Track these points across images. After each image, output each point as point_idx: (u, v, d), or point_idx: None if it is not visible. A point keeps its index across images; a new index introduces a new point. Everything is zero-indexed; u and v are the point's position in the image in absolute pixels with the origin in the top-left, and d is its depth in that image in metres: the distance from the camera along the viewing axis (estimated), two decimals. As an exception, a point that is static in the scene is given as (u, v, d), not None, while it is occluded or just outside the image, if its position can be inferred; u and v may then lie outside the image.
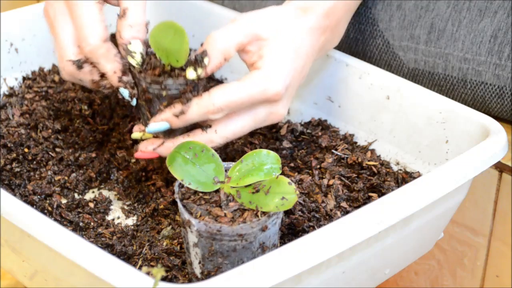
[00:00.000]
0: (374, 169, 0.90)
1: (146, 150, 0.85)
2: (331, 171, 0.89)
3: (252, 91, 0.82)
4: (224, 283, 0.66)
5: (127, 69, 0.83)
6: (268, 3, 1.09)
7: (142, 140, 0.86)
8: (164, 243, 0.83)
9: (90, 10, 0.83)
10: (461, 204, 0.88)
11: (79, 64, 0.84)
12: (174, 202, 0.88)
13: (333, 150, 0.92)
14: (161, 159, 0.92)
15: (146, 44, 0.84)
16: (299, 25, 0.86)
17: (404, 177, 0.90)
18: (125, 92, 0.83)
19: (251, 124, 0.84)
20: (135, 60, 0.83)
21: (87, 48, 0.83)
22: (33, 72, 1.05)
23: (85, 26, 0.83)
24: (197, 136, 0.83)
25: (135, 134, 0.86)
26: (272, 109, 0.84)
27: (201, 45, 0.84)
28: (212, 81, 1.09)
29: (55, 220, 0.86)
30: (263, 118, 0.85)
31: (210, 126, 0.83)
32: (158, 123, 0.82)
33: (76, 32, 0.84)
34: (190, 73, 0.82)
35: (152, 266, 0.81)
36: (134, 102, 0.84)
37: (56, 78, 1.04)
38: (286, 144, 0.95)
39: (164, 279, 0.79)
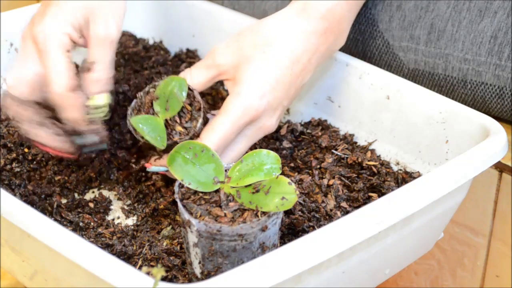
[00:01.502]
0: (374, 169, 0.90)
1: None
2: (331, 171, 0.89)
3: (235, 119, 0.84)
4: (224, 283, 0.66)
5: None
6: (268, 3, 1.09)
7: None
8: (164, 243, 0.83)
9: (59, 61, 0.84)
10: (461, 204, 0.88)
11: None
12: (174, 202, 0.88)
13: (333, 150, 0.92)
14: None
15: (113, 94, 0.87)
16: (293, 31, 0.87)
17: (404, 177, 0.90)
18: (93, 138, 0.86)
19: (246, 145, 0.87)
20: (100, 114, 0.85)
21: (54, 95, 0.84)
22: (33, 72, 1.05)
23: (52, 75, 0.84)
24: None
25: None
26: (258, 124, 0.86)
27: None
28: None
29: (55, 220, 0.87)
30: (254, 135, 0.87)
31: None
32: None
33: (45, 77, 0.85)
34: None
35: (152, 266, 0.81)
36: (104, 146, 0.86)
37: (56, 78, 1.04)
38: (286, 144, 0.95)
39: (164, 279, 0.79)
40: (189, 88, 0.85)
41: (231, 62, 0.87)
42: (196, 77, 0.87)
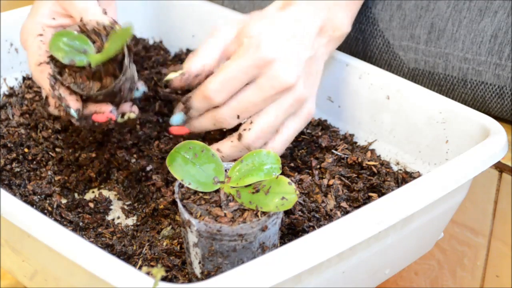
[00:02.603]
0: (374, 169, 0.90)
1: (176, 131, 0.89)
2: (331, 171, 0.89)
3: (242, 61, 0.84)
4: (224, 283, 0.66)
5: (56, 84, 0.84)
6: (268, 3, 1.08)
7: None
8: (164, 243, 0.83)
9: (30, 44, 0.88)
10: (461, 204, 0.88)
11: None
12: (174, 202, 0.88)
13: (333, 150, 0.92)
14: (162, 161, 0.92)
15: None
16: (281, 16, 0.88)
17: (404, 177, 0.90)
18: (66, 109, 0.84)
19: (259, 96, 0.85)
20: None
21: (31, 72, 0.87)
22: (33, 72, 1.05)
23: (28, 56, 0.88)
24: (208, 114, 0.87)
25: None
26: (271, 73, 0.84)
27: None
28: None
29: (55, 220, 0.86)
30: (267, 85, 0.85)
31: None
32: (177, 118, 0.88)
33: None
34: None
35: (152, 266, 0.81)
36: (73, 113, 0.83)
37: (56, 78, 1.04)
38: (286, 144, 0.95)
39: (164, 279, 0.79)
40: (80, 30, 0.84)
41: (236, 31, 0.87)
42: (208, 57, 0.87)
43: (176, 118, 0.88)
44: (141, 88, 0.89)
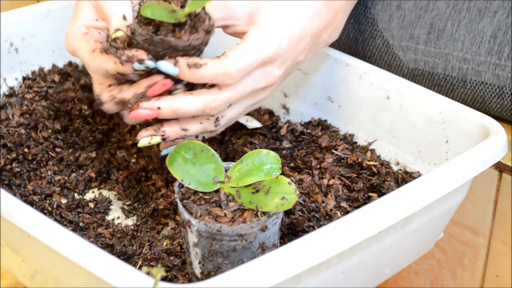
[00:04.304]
0: (374, 169, 0.90)
1: (148, 106, 0.80)
2: (331, 171, 0.89)
3: (260, 54, 0.81)
4: (224, 283, 0.66)
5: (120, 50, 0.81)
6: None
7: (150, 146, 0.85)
8: (164, 243, 0.83)
9: (79, 42, 0.85)
10: (461, 204, 0.88)
11: None
12: (174, 202, 0.88)
13: (333, 150, 0.92)
14: (162, 160, 0.92)
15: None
16: (298, 7, 0.86)
17: (404, 177, 0.90)
18: (139, 67, 0.79)
19: (251, 84, 0.83)
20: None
21: (86, 64, 0.84)
22: (33, 72, 1.05)
23: (79, 54, 0.85)
24: (202, 95, 0.81)
25: (143, 141, 0.82)
26: (269, 69, 0.83)
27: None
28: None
29: (55, 220, 0.86)
30: (261, 80, 0.83)
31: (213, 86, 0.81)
32: (170, 65, 0.79)
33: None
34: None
35: (152, 266, 0.81)
36: (151, 64, 0.79)
37: (56, 78, 1.04)
38: (286, 144, 0.95)
39: (164, 279, 0.79)
40: None
41: (244, 7, 0.84)
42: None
43: (168, 67, 0.79)
44: None
